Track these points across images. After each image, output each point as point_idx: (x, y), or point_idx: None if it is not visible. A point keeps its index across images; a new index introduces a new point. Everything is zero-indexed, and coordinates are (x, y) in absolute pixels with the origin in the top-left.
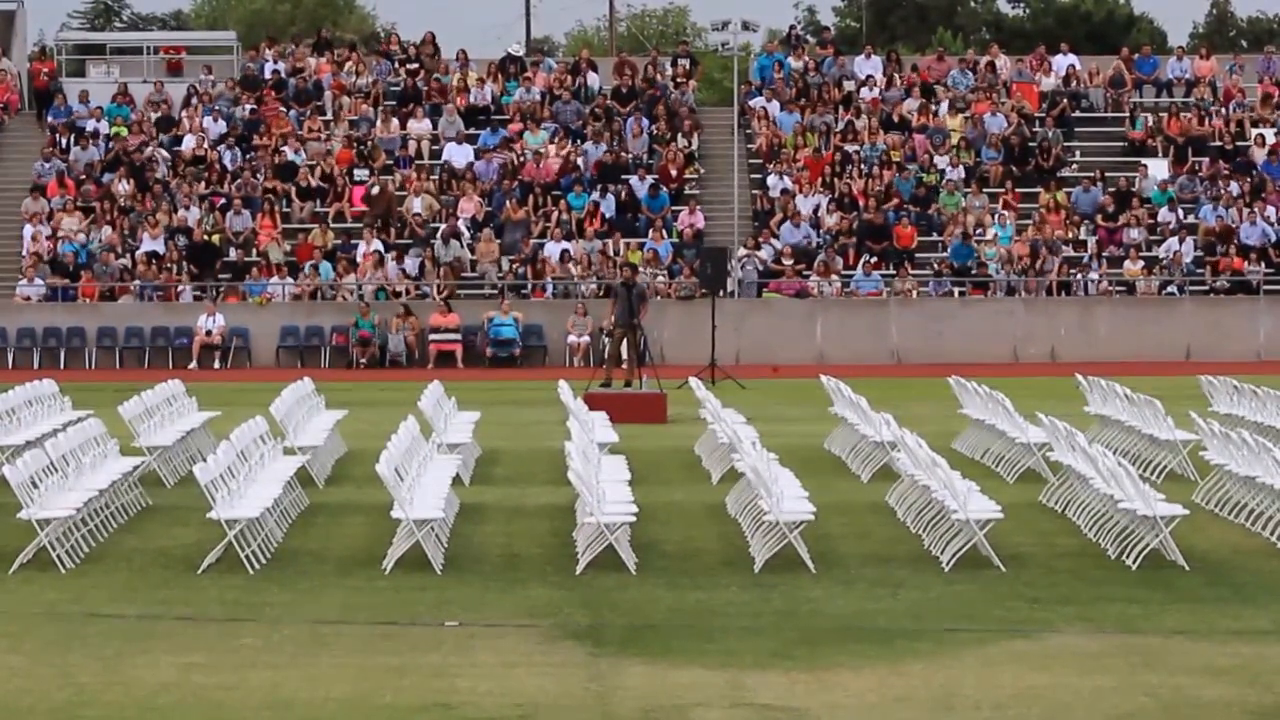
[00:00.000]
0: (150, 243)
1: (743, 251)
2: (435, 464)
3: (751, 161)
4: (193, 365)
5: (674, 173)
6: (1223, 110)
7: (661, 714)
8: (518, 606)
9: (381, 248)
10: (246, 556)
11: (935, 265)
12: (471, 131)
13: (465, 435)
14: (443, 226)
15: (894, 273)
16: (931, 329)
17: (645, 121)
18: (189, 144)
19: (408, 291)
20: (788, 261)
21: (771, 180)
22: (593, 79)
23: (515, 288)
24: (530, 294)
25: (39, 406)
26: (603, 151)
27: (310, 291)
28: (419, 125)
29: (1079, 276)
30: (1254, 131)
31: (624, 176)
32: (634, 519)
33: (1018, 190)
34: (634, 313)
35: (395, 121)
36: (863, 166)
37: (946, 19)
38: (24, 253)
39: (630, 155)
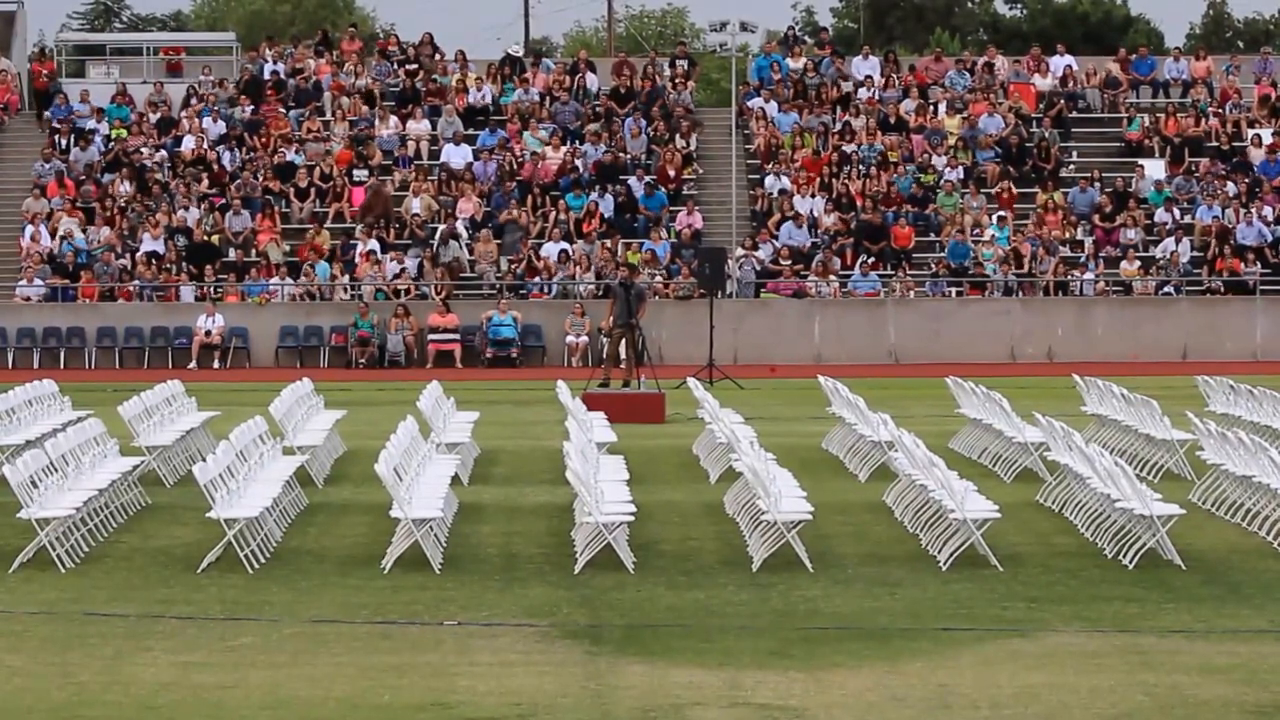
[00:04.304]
0: (150, 243)
1: (740, 252)
2: (434, 464)
3: (749, 162)
4: (192, 365)
5: (672, 173)
6: (1219, 111)
7: (659, 713)
8: (516, 606)
9: (379, 248)
10: (246, 556)
11: (933, 265)
12: (470, 132)
13: (464, 435)
14: (441, 227)
15: (891, 273)
16: (929, 329)
17: (643, 122)
18: (189, 144)
19: (406, 291)
20: (785, 262)
21: (769, 181)
22: (591, 80)
23: (514, 288)
24: (529, 294)
25: (39, 406)
26: (601, 152)
27: (309, 291)
28: (418, 126)
29: (1076, 277)
30: (1250, 132)
31: (622, 177)
32: (632, 518)
33: (1015, 190)
34: (632, 313)
35: (394, 121)
36: (860, 167)
37: (944, 20)
38: (24, 253)
39: (628, 156)
